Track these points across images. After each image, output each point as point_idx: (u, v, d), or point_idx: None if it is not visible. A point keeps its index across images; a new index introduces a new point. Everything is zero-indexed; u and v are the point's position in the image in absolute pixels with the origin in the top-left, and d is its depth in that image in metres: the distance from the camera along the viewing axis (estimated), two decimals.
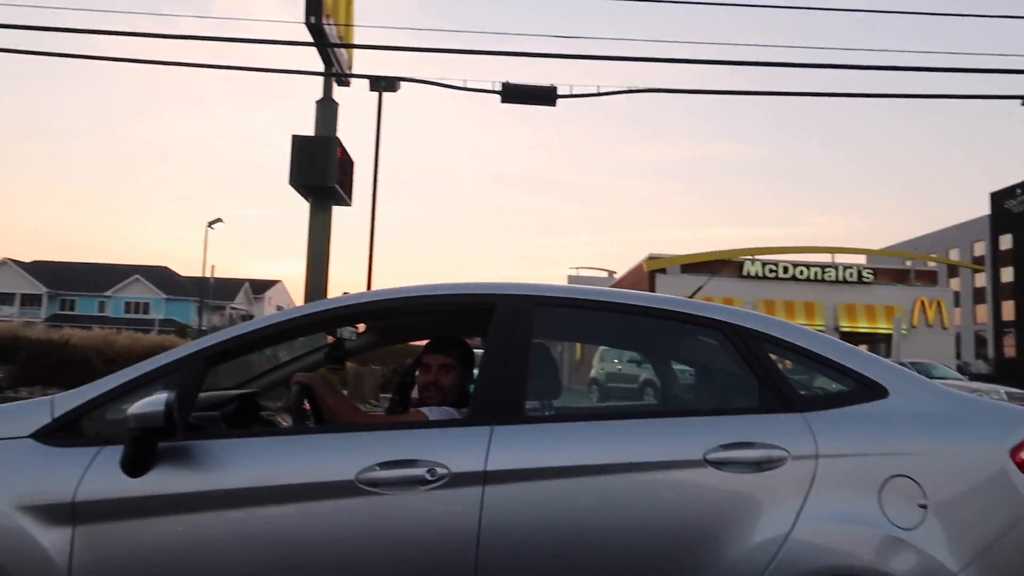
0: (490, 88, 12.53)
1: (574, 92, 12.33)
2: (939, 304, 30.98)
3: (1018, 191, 63.67)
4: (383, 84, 15.90)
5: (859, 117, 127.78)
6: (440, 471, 2.28)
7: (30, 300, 63.33)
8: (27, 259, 66.35)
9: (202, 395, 2.96)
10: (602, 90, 12.31)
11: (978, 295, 66.50)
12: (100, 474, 2.26)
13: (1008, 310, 64.24)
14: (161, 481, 2.26)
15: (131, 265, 65.41)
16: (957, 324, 30.59)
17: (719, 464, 2.29)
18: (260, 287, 72.83)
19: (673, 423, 2.40)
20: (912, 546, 2.20)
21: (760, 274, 30.96)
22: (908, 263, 34.31)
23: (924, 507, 2.25)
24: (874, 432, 2.36)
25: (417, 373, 3.03)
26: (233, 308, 65.03)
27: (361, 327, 3.74)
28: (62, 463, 2.30)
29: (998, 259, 63.13)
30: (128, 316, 60.59)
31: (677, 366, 3.44)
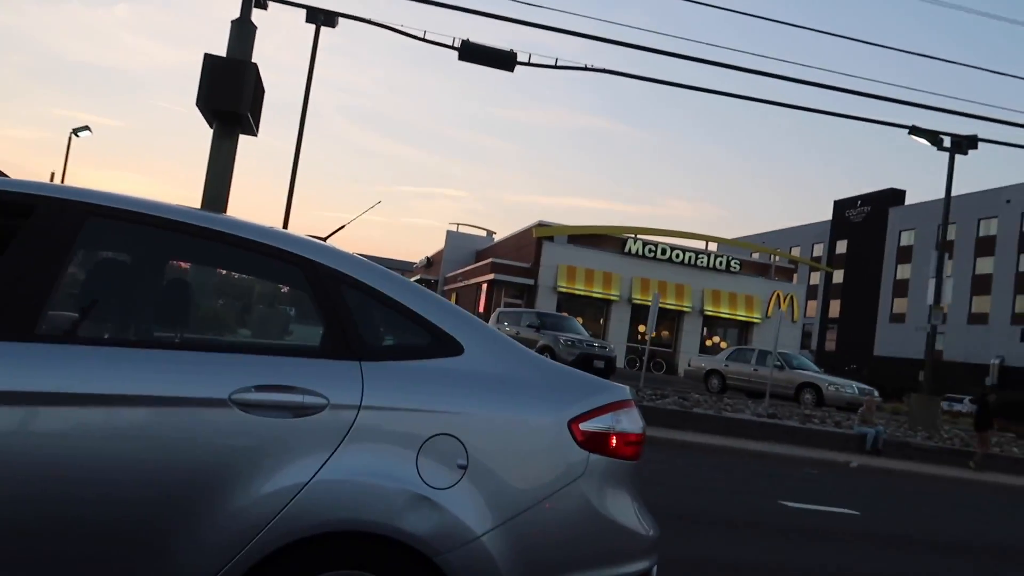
0: (450, 44, 12.36)
1: (532, 61, 12.41)
2: (792, 299, 33.75)
3: (859, 203, 69.92)
4: (321, 18, 15.20)
5: (727, 113, 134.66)
6: None
7: None
8: None
9: None
10: (560, 63, 12.48)
11: (810, 292, 72.84)
12: None
13: (835, 308, 70.94)
14: None
15: None
16: (769, 317, 33.22)
17: (246, 406, 2.14)
18: None
19: (215, 359, 2.21)
20: (437, 505, 2.15)
21: (640, 253, 32.39)
22: (775, 258, 36.95)
23: (463, 468, 2.21)
24: (430, 388, 2.27)
25: None
26: None
27: None
28: None
29: (833, 261, 69.29)
30: None
31: (264, 300, 3.21)
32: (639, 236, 32.32)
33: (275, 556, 2.10)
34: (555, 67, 12.42)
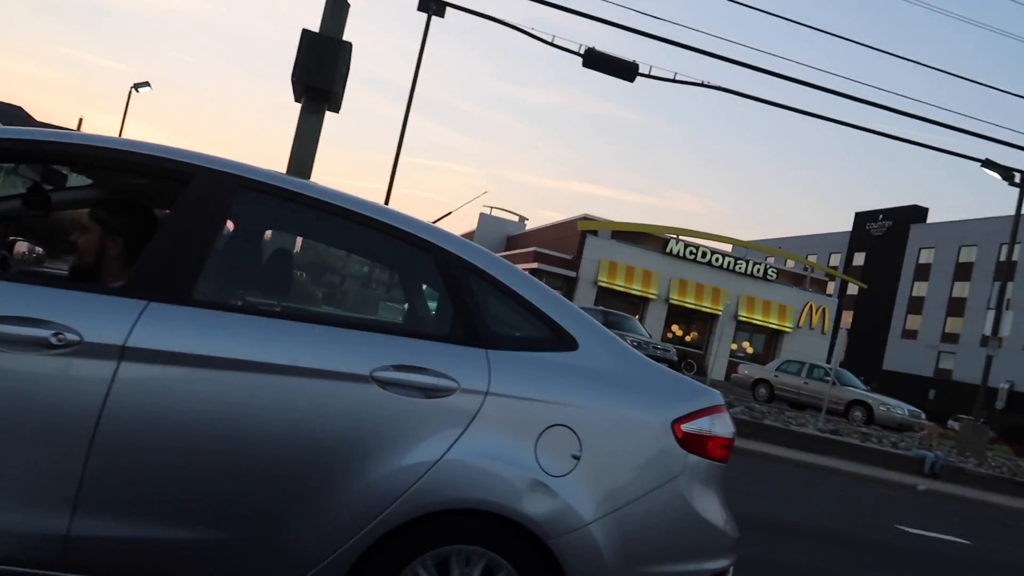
0: (575, 50, 12.66)
1: (652, 73, 12.73)
2: (824, 311, 34.16)
3: (880, 216, 70.24)
4: (433, 7, 15.47)
5: (747, 115, 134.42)
6: (70, 337, 2.11)
7: None
8: None
9: None
10: (678, 77, 12.79)
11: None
12: None
13: (846, 319, 71.46)
14: None
15: None
16: (800, 327, 33.61)
17: (385, 384, 2.26)
18: None
19: (356, 336, 2.32)
20: (553, 492, 2.27)
21: (681, 254, 32.74)
22: (802, 267, 37.27)
23: (577, 458, 2.32)
24: (549, 380, 2.39)
25: None
26: None
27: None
28: None
29: (849, 272, 69.69)
30: None
31: (395, 282, 3.32)
32: (681, 237, 32.66)
33: (401, 528, 2.24)
34: (673, 80, 12.75)
